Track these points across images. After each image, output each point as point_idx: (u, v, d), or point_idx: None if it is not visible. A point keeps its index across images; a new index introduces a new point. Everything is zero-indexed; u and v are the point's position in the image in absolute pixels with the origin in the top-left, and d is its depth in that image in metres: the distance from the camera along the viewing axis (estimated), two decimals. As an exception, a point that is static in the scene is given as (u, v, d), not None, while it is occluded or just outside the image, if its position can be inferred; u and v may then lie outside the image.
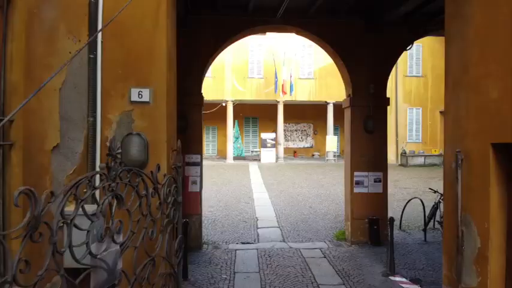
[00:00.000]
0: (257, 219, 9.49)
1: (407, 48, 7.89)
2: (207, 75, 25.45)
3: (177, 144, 3.89)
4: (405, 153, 22.68)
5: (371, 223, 7.37)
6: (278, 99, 23.87)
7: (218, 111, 24.44)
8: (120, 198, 2.65)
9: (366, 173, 7.46)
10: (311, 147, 28.84)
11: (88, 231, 2.24)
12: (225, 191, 13.80)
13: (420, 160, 22.16)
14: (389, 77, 8.00)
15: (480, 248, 3.54)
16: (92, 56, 3.54)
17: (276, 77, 23.04)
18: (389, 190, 8.57)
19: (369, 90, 7.46)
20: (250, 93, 24.09)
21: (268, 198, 12.34)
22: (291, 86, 23.16)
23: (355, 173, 7.46)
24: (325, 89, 24.32)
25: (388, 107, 7.82)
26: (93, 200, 2.36)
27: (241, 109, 25.40)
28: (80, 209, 2.03)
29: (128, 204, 2.81)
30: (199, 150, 7.21)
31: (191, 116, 7.17)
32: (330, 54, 7.85)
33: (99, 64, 3.54)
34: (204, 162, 23.99)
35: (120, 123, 3.54)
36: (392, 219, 6.02)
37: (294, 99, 24.01)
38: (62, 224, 1.88)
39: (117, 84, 3.55)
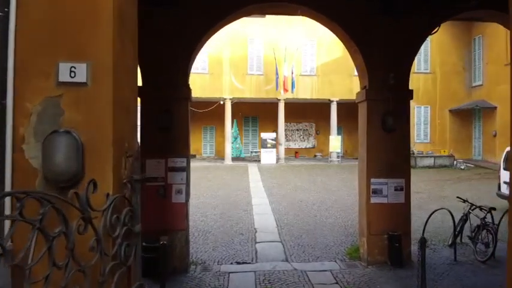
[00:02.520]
0: (256, 231, 8.28)
1: (433, 32, 6.68)
2: (203, 71, 24.40)
3: (135, 146, 2.69)
4: (413, 154, 21.44)
5: (391, 240, 6.16)
6: (279, 97, 22.65)
7: (216, 109, 23.25)
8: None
9: (384, 180, 6.25)
10: (313, 147, 27.62)
11: None
12: (221, 196, 12.60)
13: (429, 161, 20.94)
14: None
15: None
16: (1, 13, 2.35)
17: (277, 74, 21.82)
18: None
19: (388, 80, 6.25)
20: (250, 91, 22.87)
21: (269, 205, 11.14)
22: (293, 83, 21.94)
23: (372, 180, 6.25)
24: (328, 86, 23.13)
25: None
26: None
27: (240, 107, 24.19)
28: None
29: (18, 255, 1.62)
30: (185, 153, 6.00)
31: (176, 112, 5.96)
32: (341, 38, 6.63)
33: (11, 27, 2.35)
34: (201, 163, 22.95)
35: (43, 116, 2.33)
36: (424, 241, 4.81)
37: (295, 97, 22.80)
38: None
39: (38, 56, 2.35)
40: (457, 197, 7.24)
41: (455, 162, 21.13)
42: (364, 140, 6.36)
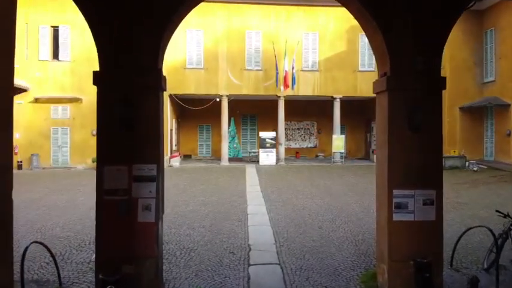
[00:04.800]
0: (250, 249, 6.95)
1: (469, 5, 5.36)
2: (198, 66, 23.00)
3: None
4: (422, 154, 20.10)
5: (419, 268, 4.82)
6: (279, 94, 21.31)
7: (212, 107, 21.91)
8: None
9: (411, 192, 4.91)
10: (315, 147, 26.32)
11: None
12: (213, 202, 11.26)
13: (439, 162, 19.54)
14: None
15: None
16: None
17: (277, 69, 20.47)
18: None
19: (416, 65, 4.92)
20: (248, 87, 21.52)
21: (266, 214, 9.80)
22: (293, 79, 20.59)
23: (395, 192, 4.91)
24: (331, 82, 21.80)
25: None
26: None
27: (237, 105, 22.86)
28: None
29: None
30: (155, 158, 4.66)
31: (142, 105, 4.62)
32: (355, 14, 5.30)
33: None
34: (197, 164, 21.60)
35: None
36: (475, 280, 3.47)
37: (296, 93, 21.46)
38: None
39: None
40: (496, 211, 5.90)
41: (467, 163, 19.78)
42: (385, 140, 5.01)
